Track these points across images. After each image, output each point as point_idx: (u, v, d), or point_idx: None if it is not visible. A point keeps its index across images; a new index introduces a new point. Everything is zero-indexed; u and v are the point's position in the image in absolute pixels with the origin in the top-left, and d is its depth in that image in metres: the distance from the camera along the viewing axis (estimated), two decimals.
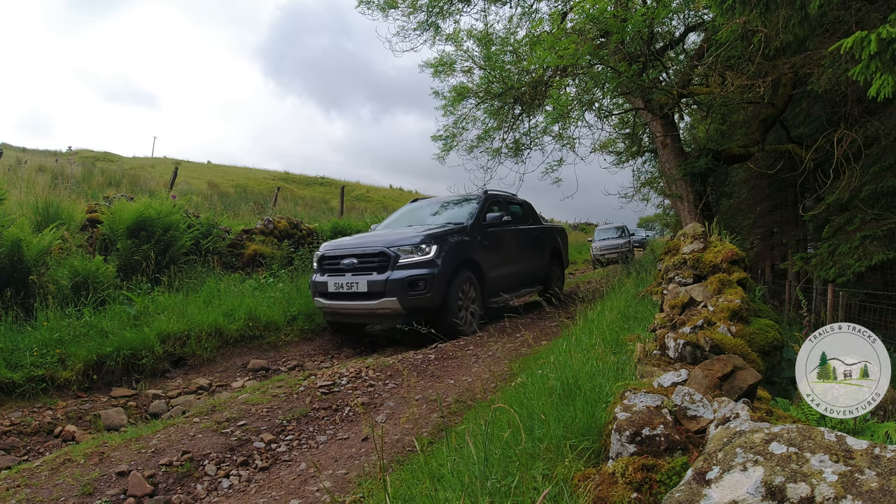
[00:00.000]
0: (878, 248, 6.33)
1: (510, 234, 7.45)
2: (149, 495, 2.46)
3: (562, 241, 9.39)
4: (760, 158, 9.40)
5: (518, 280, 7.48)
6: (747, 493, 1.00)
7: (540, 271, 8.28)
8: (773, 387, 2.53)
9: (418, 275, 5.54)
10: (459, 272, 5.98)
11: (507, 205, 7.80)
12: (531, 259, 7.96)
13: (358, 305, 5.65)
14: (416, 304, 5.52)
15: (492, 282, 6.59)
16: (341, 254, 6.00)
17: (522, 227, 8.00)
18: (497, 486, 1.60)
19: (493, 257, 6.71)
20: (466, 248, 6.24)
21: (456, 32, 10.15)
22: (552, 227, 9.52)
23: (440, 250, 5.76)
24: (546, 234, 8.77)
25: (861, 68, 3.32)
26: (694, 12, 8.37)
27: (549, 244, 8.70)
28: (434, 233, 5.92)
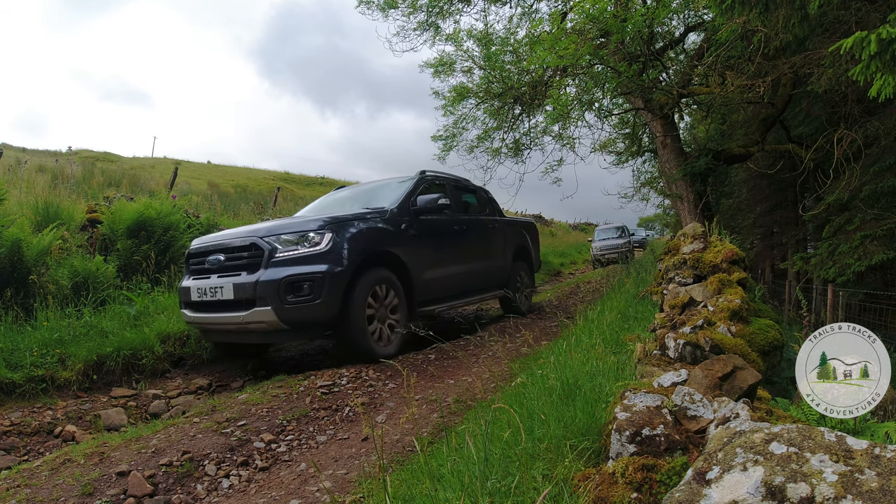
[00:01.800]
0: (878, 247, 6.33)
1: (455, 224, 5.98)
2: (149, 495, 2.46)
3: (530, 239, 7.91)
4: (760, 158, 9.40)
5: (466, 283, 6.00)
6: (747, 493, 1.00)
7: (499, 273, 6.78)
8: (773, 387, 2.53)
9: (302, 274, 4.05)
10: (369, 271, 4.49)
11: (455, 191, 6.41)
12: (486, 258, 6.50)
13: (224, 319, 4.17)
14: (301, 316, 4.05)
15: (425, 285, 5.18)
16: (207, 248, 4.53)
17: (474, 219, 6.52)
18: (497, 486, 1.60)
19: (428, 253, 5.30)
20: (382, 238, 4.74)
21: (456, 32, 10.16)
22: (517, 220, 8.10)
23: (338, 240, 4.27)
24: (508, 228, 7.29)
25: (861, 68, 3.32)
26: (694, 12, 8.37)
27: (512, 241, 7.23)
28: (332, 218, 4.49)
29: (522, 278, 7.45)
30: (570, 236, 28.85)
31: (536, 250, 8.23)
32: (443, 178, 6.35)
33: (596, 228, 23.36)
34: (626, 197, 13.29)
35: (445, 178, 6.41)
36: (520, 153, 10.85)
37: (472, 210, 6.88)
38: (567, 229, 32.33)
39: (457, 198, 6.36)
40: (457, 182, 6.71)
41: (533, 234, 8.19)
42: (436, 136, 10.88)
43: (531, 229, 8.25)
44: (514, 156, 10.85)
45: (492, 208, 7.22)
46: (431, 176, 6.12)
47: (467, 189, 6.98)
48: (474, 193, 7.10)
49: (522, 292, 7.39)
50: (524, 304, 7.34)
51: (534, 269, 8.08)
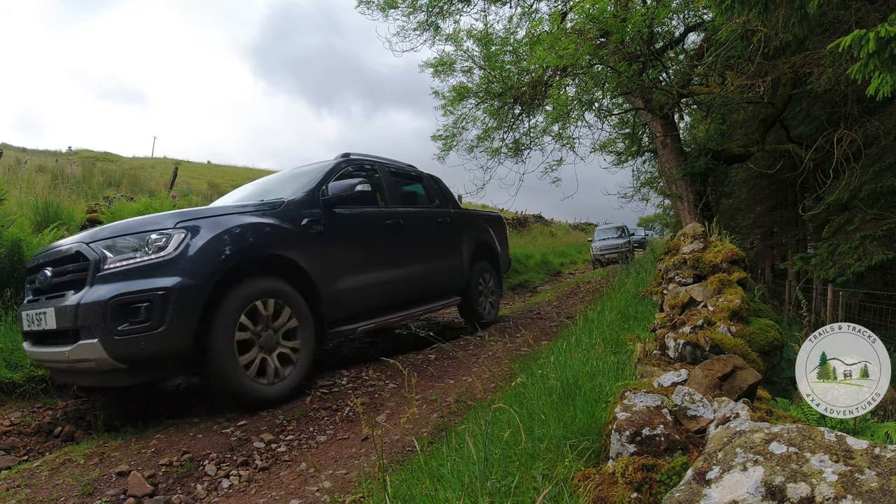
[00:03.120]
0: (877, 247, 6.33)
1: (387, 219, 4.82)
2: (149, 495, 2.46)
3: (496, 235, 6.77)
4: (760, 158, 9.41)
5: (405, 292, 4.98)
6: (747, 492, 1.00)
7: (452, 277, 5.72)
8: (773, 387, 2.53)
9: (136, 292, 2.98)
10: (244, 283, 3.38)
11: (391, 178, 5.32)
12: (434, 259, 5.43)
13: (51, 355, 3.16)
14: (138, 351, 2.96)
15: (339, 298, 4.08)
16: (38, 261, 3.53)
17: (416, 211, 5.45)
18: (497, 486, 1.60)
19: (344, 256, 4.22)
20: (268, 238, 3.63)
21: (456, 32, 10.17)
22: (479, 213, 6.86)
23: (193, 243, 3.18)
24: (466, 223, 6.16)
25: (859, 67, 3.32)
26: (694, 12, 8.38)
27: (471, 238, 6.11)
28: (189, 213, 3.42)
29: (486, 282, 6.37)
30: (570, 236, 28.85)
31: (504, 248, 7.08)
32: (374, 162, 5.21)
33: (596, 228, 23.36)
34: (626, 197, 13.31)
35: (378, 163, 5.26)
36: (520, 153, 10.86)
37: (419, 201, 5.93)
38: (567, 229, 32.34)
39: (394, 186, 5.26)
40: (395, 168, 5.55)
41: (499, 229, 7.05)
42: (435, 136, 10.90)
43: (497, 224, 7.03)
44: (514, 156, 10.86)
45: (443, 199, 6.09)
46: (358, 159, 5.00)
47: (409, 177, 5.85)
48: (420, 182, 5.98)
49: (486, 298, 6.36)
50: (488, 312, 6.34)
51: (501, 271, 6.90)
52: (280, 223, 3.78)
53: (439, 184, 6.24)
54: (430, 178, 6.14)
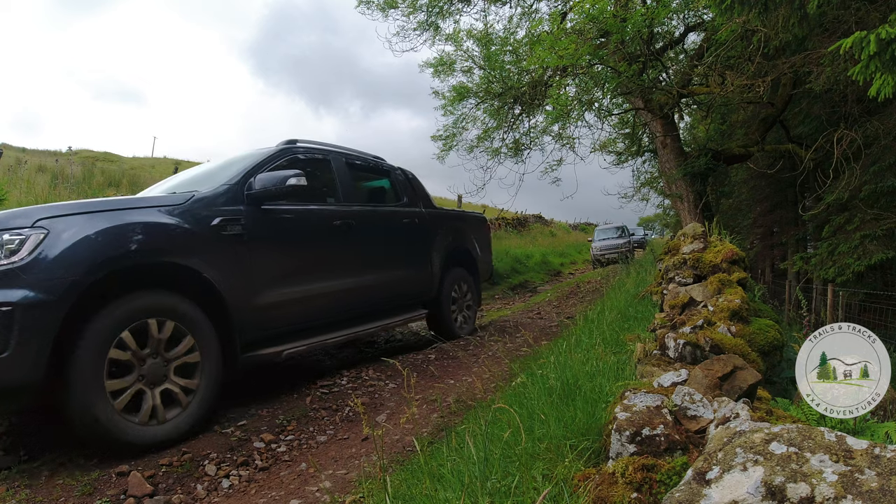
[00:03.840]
0: (877, 247, 6.34)
1: (336, 218, 4.12)
2: (149, 495, 2.46)
3: (477, 238, 6.10)
4: (760, 158, 9.42)
5: (353, 305, 4.27)
6: (747, 493, 1.00)
7: (417, 288, 5.04)
8: (773, 387, 2.53)
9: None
10: (121, 300, 2.75)
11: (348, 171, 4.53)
12: (394, 266, 4.73)
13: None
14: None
15: (262, 314, 3.42)
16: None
17: (373, 210, 4.72)
18: (497, 486, 1.60)
19: (271, 262, 3.52)
20: (161, 242, 2.96)
21: (456, 32, 10.18)
22: (455, 213, 6.19)
23: (50, 248, 2.59)
24: (439, 224, 5.45)
25: (860, 68, 3.33)
26: (694, 12, 8.38)
27: (443, 242, 5.41)
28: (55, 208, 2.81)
29: (461, 292, 5.69)
30: (570, 236, 28.85)
31: (486, 253, 6.34)
32: (327, 151, 4.44)
33: (596, 228, 23.37)
34: (626, 197, 13.33)
35: (333, 153, 4.47)
36: (520, 153, 10.87)
37: (385, 199, 5.24)
38: (567, 229, 32.34)
39: (350, 181, 4.47)
40: (354, 159, 4.75)
41: (481, 231, 6.31)
42: (435, 136, 10.91)
43: (477, 226, 6.29)
44: (514, 156, 10.87)
45: (413, 197, 5.31)
46: (306, 147, 4.30)
47: (373, 170, 5.10)
48: (386, 176, 5.25)
49: (461, 311, 5.68)
50: (461, 326, 5.61)
51: (481, 278, 6.16)
52: (180, 223, 3.05)
53: (410, 179, 5.44)
54: (399, 173, 5.34)
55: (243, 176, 3.59)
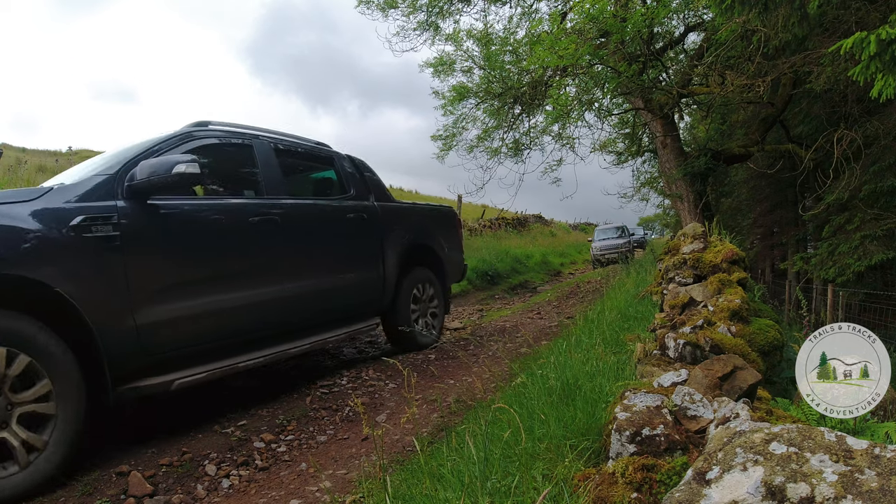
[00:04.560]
0: (877, 247, 6.34)
1: (253, 214, 3.46)
2: (149, 495, 2.46)
3: (444, 235, 5.38)
4: (760, 158, 9.42)
5: (275, 320, 3.57)
6: (747, 493, 1.00)
7: (365, 294, 4.39)
8: (773, 387, 2.53)
9: None
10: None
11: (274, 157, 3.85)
12: (333, 270, 4.08)
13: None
14: None
15: (144, 336, 2.77)
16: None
17: (306, 205, 4.02)
18: (497, 486, 1.60)
19: (156, 270, 2.89)
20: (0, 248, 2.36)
21: (456, 32, 10.19)
22: (416, 209, 5.34)
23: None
24: (393, 220, 4.74)
25: (861, 69, 3.33)
26: (694, 12, 8.38)
27: (399, 240, 4.72)
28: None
29: (424, 293, 5.02)
30: (570, 236, 28.85)
31: (456, 251, 5.61)
32: (247, 135, 3.77)
33: (596, 228, 23.36)
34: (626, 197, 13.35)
35: (257, 137, 3.81)
36: (519, 153, 10.87)
37: (327, 190, 4.64)
38: (567, 229, 32.34)
39: (276, 170, 3.81)
40: (284, 145, 4.04)
41: (449, 227, 5.57)
42: (435, 136, 10.92)
43: (444, 221, 5.55)
44: (514, 156, 10.87)
45: (362, 189, 4.60)
46: (219, 131, 3.62)
47: (309, 158, 4.39)
48: (329, 165, 4.54)
49: (424, 314, 5.03)
50: (426, 332, 4.95)
51: (449, 280, 5.44)
52: (27, 223, 2.44)
53: (360, 168, 4.72)
54: (345, 162, 4.61)
55: (125, 164, 2.92)
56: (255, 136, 3.83)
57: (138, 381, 2.76)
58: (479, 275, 11.12)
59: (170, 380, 2.84)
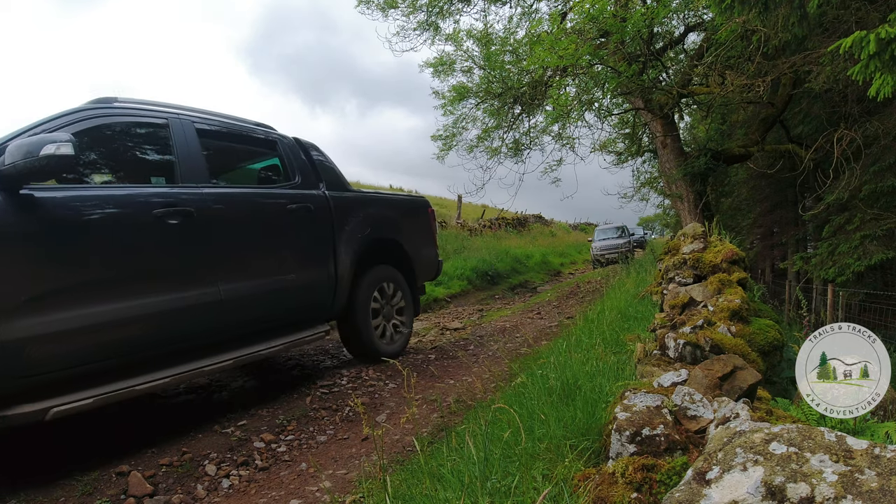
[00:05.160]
0: (877, 247, 6.34)
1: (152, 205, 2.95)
2: (149, 495, 2.46)
3: (410, 231, 4.77)
4: (760, 158, 9.42)
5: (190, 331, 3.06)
6: (747, 493, 1.00)
7: (312, 297, 3.84)
8: (773, 387, 2.53)
9: None
10: None
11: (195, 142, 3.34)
12: (267, 270, 3.52)
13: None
14: None
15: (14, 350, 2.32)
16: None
17: (231, 194, 3.48)
18: (497, 486, 1.60)
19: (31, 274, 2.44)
20: None
21: (456, 32, 10.19)
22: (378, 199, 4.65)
23: None
24: (347, 213, 4.15)
25: (860, 68, 3.33)
26: (693, 12, 8.39)
27: (355, 235, 4.14)
28: None
29: (387, 294, 4.46)
30: (570, 236, 28.85)
31: (428, 246, 5.00)
32: (161, 113, 3.27)
33: (596, 228, 23.35)
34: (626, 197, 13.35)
35: (172, 115, 3.30)
36: (519, 153, 10.88)
37: (266, 178, 4.23)
38: (567, 229, 32.33)
39: (195, 154, 3.29)
40: (210, 125, 3.53)
41: (419, 220, 4.97)
42: (435, 136, 10.93)
43: (414, 212, 4.97)
44: (514, 156, 10.88)
45: (310, 176, 4.05)
46: (126, 108, 3.14)
47: (243, 140, 3.84)
48: (270, 149, 4.02)
49: (388, 317, 4.49)
50: (389, 340, 4.45)
51: (420, 278, 4.90)
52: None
53: (308, 154, 4.17)
54: (290, 146, 4.07)
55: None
56: (175, 116, 3.32)
57: (4, 410, 2.30)
58: (479, 275, 11.13)
59: (44, 408, 2.38)
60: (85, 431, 3.16)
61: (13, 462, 2.77)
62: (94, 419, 3.31)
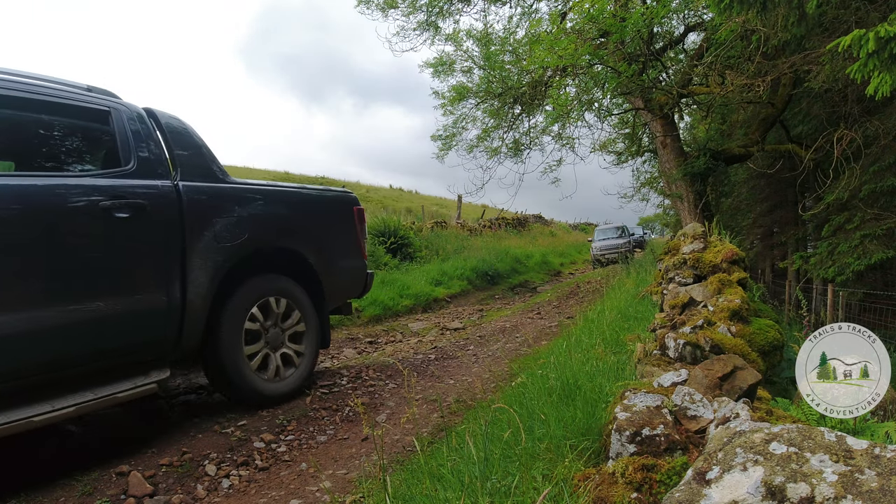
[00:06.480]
0: (877, 246, 6.34)
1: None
2: (149, 495, 2.46)
3: (326, 236, 3.82)
4: (760, 158, 9.42)
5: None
6: (747, 493, 1.00)
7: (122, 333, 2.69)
8: (773, 387, 2.53)
9: None
10: None
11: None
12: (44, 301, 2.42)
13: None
14: None
15: None
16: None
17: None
18: (497, 486, 1.60)
19: None
20: None
21: (455, 32, 10.19)
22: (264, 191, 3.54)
23: None
24: (210, 211, 3.14)
25: (859, 66, 3.32)
26: (693, 12, 8.38)
27: (218, 243, 3.11)
28: None
29: (272, 315, 3.43)
30: (570, 236, 28.85)
31: (349, 255, 4.01)
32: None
33: (596, 228, 23.34)
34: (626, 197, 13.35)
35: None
36: (519, 153, 10.87)
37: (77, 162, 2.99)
38: (567, 229, 32.34)
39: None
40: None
41: (336, 221, 3.96)
42: (435, 136, 10.93)
43: (330, 211, 3.95)
44: (514, 155, 10.87)
45: (154, 160, 3.02)
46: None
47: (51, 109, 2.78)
48: (100, 122, 2.95)
49: (276, 345, 3.45)
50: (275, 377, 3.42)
51: (333, 297, 3.90)
52: None
53: (162, 130, 3.17)
54: (131, 120, 3.01)
55: None
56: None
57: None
58: (479, 275, 11.13)
59: None
60: (85, 432, 3.16)
61: (13, 462, 2.77)
62: (93, 419, 3.31)
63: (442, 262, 10.98)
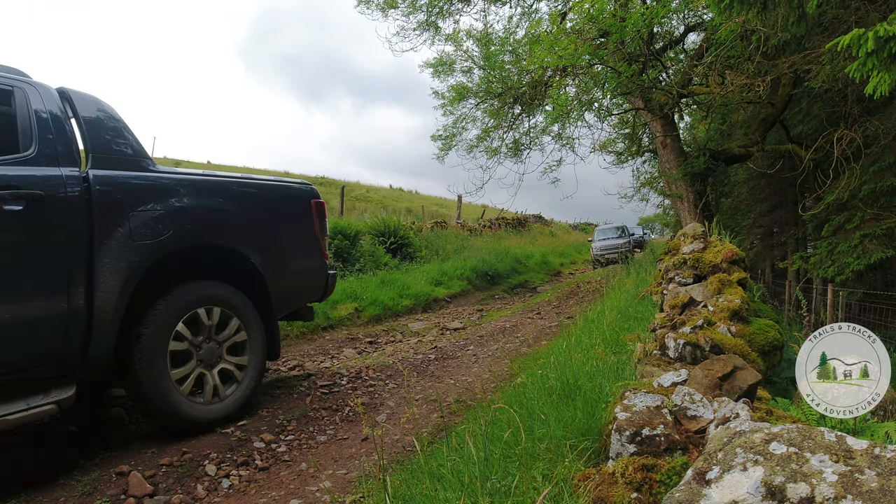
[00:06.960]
0: (877, 246, 6.34)
1: None
2: (149, 495, 2.46)
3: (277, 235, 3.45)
4: (760, 158, 9.42)
5: None
6: (747, 493, 1.00)
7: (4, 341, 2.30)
8: (773, 387, 2.53)
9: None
10: None
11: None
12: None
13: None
14: None
15: None
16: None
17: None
18: (497, 486, 1.60)
19: None
20: None
21: (455, 33, 10.20)
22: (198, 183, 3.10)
23: None
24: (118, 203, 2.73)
25: (858, 65, 3.32)
26: (693, 12, 8.38)
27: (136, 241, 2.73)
28: None
29: (204, 329, 3.04)
30: (570, 236, 28.84)
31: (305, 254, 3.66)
32: None
33: (596, 228, 23.33)
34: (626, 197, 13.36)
35: None
36: (519, 153, 10.87)
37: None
38: (567, 229, 32.33)
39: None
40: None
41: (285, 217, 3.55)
42: (435, 136, 10.93)
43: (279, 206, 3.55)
44: (514, 156, 10.88)
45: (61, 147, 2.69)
46: None
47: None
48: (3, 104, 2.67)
49: (210, 362, 3.07)
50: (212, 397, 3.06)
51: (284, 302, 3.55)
52: None
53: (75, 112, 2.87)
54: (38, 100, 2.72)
55: None
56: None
57: None
58: (479, 275, 11.13)
59: None
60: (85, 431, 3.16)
61: (13, 462, 2.77)
62: (93, 419, 3.31)
63: (442, 262, 10.99)
